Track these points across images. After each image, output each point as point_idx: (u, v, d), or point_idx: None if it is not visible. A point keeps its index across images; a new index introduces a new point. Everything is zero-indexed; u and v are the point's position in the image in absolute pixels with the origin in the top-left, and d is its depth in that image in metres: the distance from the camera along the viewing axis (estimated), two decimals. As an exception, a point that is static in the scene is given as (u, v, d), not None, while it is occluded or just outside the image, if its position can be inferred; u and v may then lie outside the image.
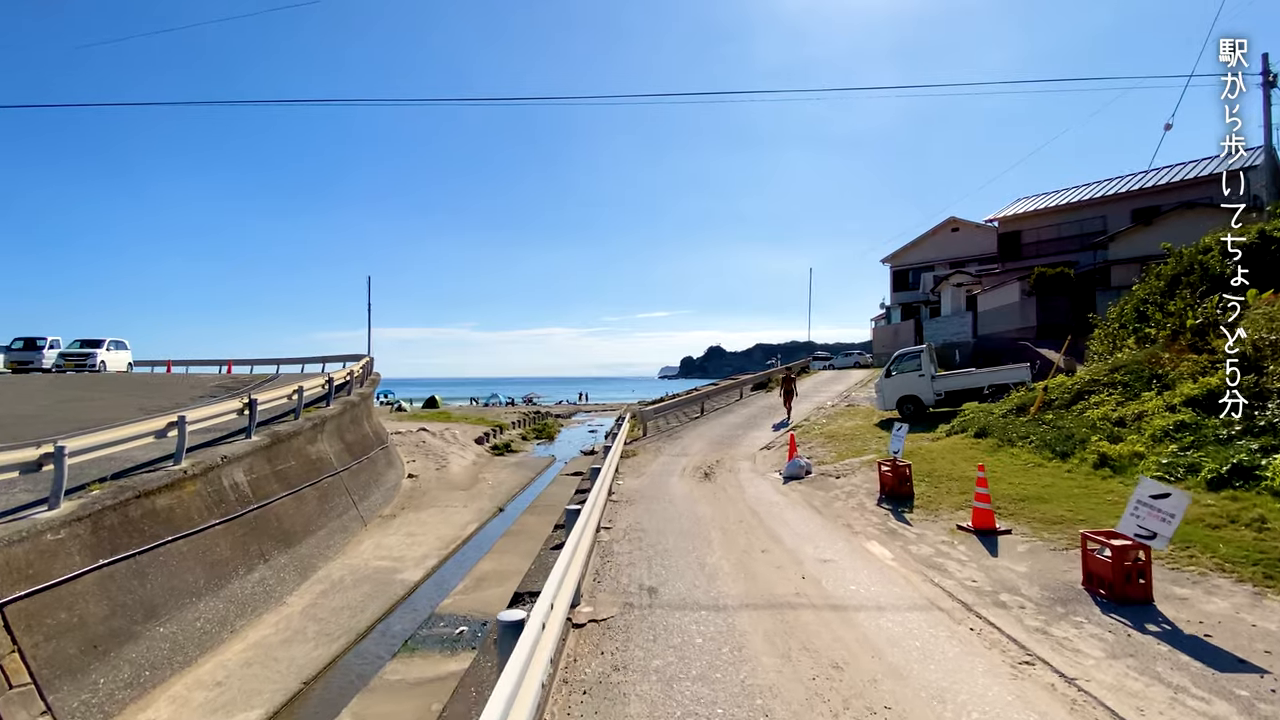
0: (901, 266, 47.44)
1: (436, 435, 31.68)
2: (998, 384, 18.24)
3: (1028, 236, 35.76)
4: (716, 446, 17.49)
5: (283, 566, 13.19)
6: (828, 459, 14.88)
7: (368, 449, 20.98)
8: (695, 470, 14.16)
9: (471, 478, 25.17)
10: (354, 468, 18.78)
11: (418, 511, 19.68)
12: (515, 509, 20.60)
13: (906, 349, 19.88)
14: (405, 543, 16.52)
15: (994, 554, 7.87)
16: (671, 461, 15.65)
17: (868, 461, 13.86)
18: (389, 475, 21.72)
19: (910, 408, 19.06)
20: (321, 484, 16.29)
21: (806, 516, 10.01)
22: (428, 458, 27.51)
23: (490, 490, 22.86)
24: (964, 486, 10.89)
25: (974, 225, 44.25)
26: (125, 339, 31.53)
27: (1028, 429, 13.51)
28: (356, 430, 20.73)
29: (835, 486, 12.05)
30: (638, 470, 14.38)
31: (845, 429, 18.57)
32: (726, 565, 7.39)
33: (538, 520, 18.34)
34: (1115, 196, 33.03)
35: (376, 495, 19.50)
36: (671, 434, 19.78)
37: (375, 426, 23.80)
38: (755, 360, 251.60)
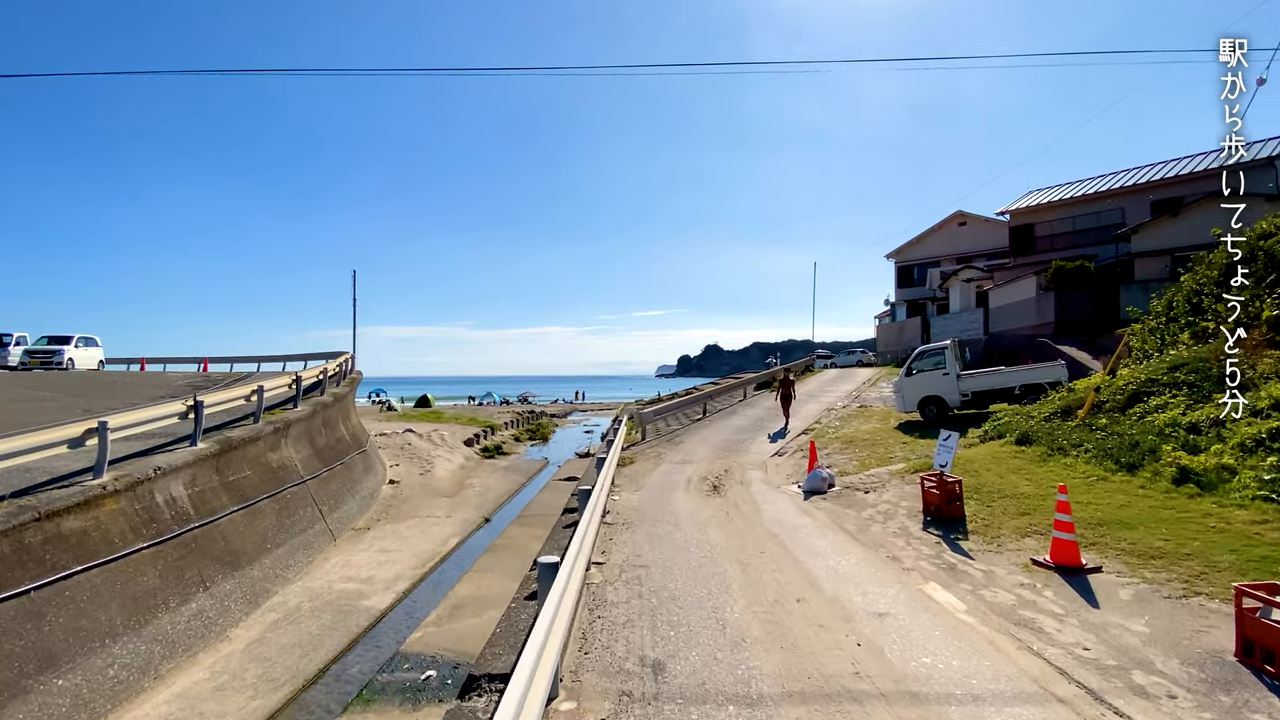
0: (906, 262, 45.70)
1: (423, 437, 29.85)
2: (1030, 384, 16.48)
3: (1041, 230, 34.04)
4: (723, 453, 15.72)
5: (227, 594, 11.36)
6: (850, 468, 13.11)
7: (343, 453, 19.14)
8: (701, 482, 12.42)
9: (458, 483, 23.35)
10: (324, 475, 16.93)
11: (396, 522, 17.87)
12: (503, 519, 18.80)
13: (928, 345, 18.10)
14: (377, 560, 14.70)
15: (1094, 603, 6.10)
16: (674, 471, 13.91)
17: (897, 472, 12.08)
18: (366, 482, 19.88)
19: (933, 409, 17.29)
20: (283, 495, 14.45)
21: (841, 545, 8.24)
22: (412, 461, 25.69)
23: (477, 497, 21.04)
24: (1022, 505, 9.12)
25: (982, 219, 42.54)
26: (96, 335, 29.58)
27: (1080, 435, 11.74)
28: (330, 433, 18.88)
29: (866, 504, 10.27)
30: (636, 482, 12.63)
31: (863, 433, 16.78)
32: (754, 624, 5.61)
33: (525, 533, 16.54)
34: (1135, 188, 31.32)
35: (350, 505, 17.67)
36: (672, 438, 18.01)
37: (354, 429, 21.95)
38: (752, 359, 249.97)
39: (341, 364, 21.27)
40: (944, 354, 17.39)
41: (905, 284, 45.46)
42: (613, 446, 12.75)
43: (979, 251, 41.62)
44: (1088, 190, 32.71)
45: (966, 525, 8.72)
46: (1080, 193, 32.83)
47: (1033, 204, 34.27)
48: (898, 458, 13.56)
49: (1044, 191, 35.36)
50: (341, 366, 21.22)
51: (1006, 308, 31.97)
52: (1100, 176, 33.91)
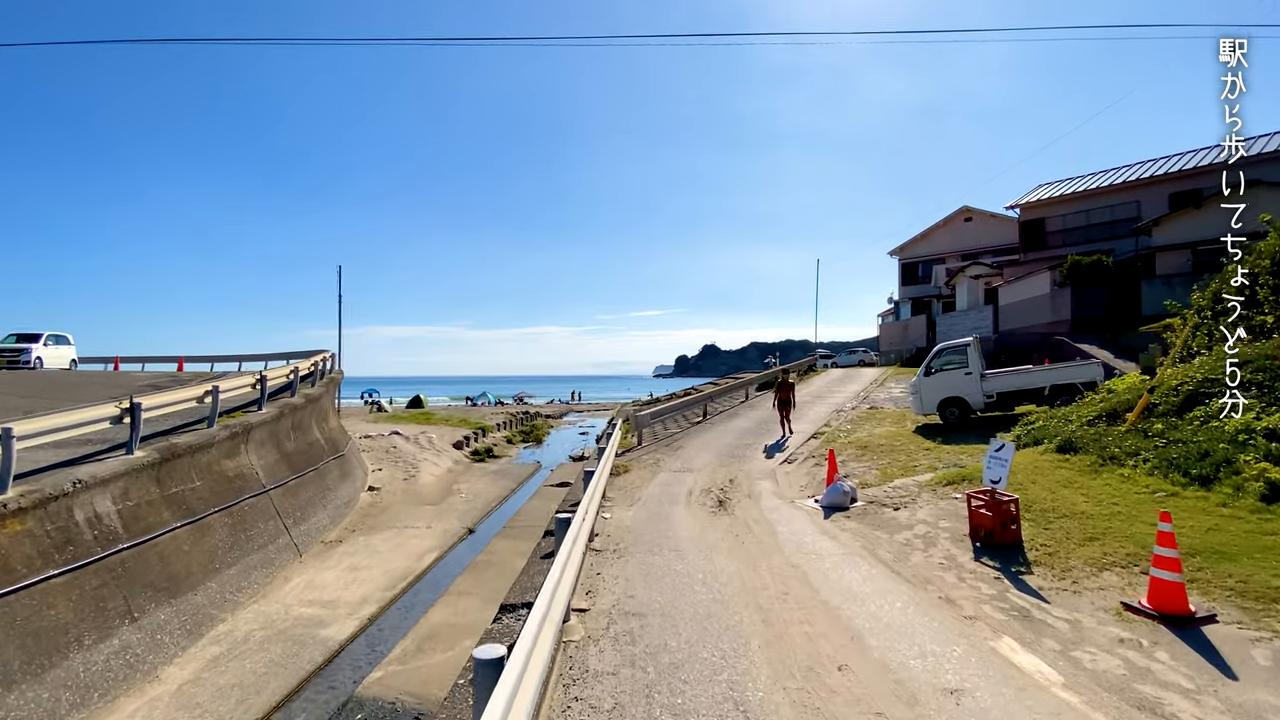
0: (910, 259, 44.25)
1: (410, 440, 28.32)
2: (1061, 384, 15.00)
3: (1053, 224, 32.60)
4: (727, 459, 14.22)
5: (161, 625, 9.83)
6: (871, 479, 11.61)
7: (315, 459, 17.61)
8: (704, 494, 10.91)
9: (443, 489, 21.82)
10: (291, 483, 15.40)
11: (371, 535, 16.34)
12: (488, 530, 17.29)
13: (949, 343, 16.61)
14: (345, 579, 13.18)
15: (1228, 672, 4.62)
16: (673, 481, 12.42)
17: (927, 484, 10.58)
18: (342, 489, 18.35)
19: (954, 412, 15.81)
20: (239, 508, 12.91)
21: (880, 581, 6.70)
22: (396, 466, 24.15)
23: (462, 505, 19.52)
24: (1087, 528, 7.63)
25: (988, 215, 41.12)
26: (68, 333, 27.95)
27: (1134, 443, 10.26)
28: (301, 437, 17.34)
29: (898, 524, 8.76)
30: (630, 494, 11.13)
31: (879, 438, 15.28)
32: (785, 709, 4.10)
33: (510, 547, 15.05)
34: (1151, 180, 29.88)
35: (321, 516, 16.14)
36: (671, 442, 16.52)
37: (331, 432, 20.40)
38: (750, 359, 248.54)
39: (316, 363, 19.72)
40: (966, 352, 15.91)
41: (909, 281, 44.02)
42: (604, 455, 11.22)
43: (985, 248, 40.20)
44: (1101, 183, 31.27)
45: (1026, 554, 7.23)
46: (1094, 185, 31.39)
47: (1044, 197, 32.82)
48: (922, 466, 12.06)
49: (1055, 185, 33.92)
50: (316, 366, 19.67)
51: (1018, 305, 30.51)
52: (1114, 169, 32.49)
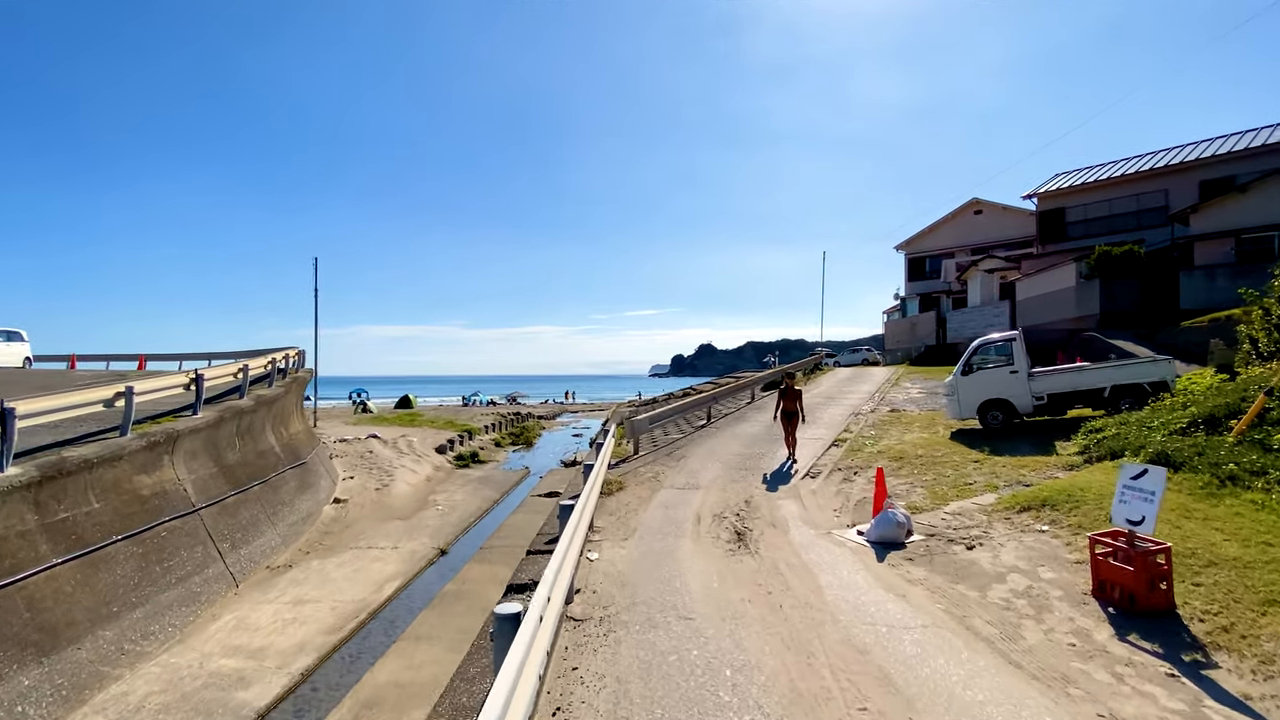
0: (917, 254, 42.11)
1: (388, 444, 26.04)
2: (1124, 384, 12.81)
3: (1073, 214, 30.49)
4: (738, 472, 11.94)
5: (24, 694, 7.57)
6: (919, 500, 9.40)
7: (268, 469, 15.34)
8: (716, 521, 8.62)
9: (418, 500, 19.56)
10: (231, 500, 13.13)
11: (327, 557, 14.09)
12: (464, 550, 15.05)
13: (989, 337, 14.41)
14: (285, 617, 10.94)
15: None
16: (677, 501, 10.00)
17: (993, 509, 8.40)
18: (300, 503, 16.07)
19: (998, 416, 13.61)
20: (154, 534, 10.65)
21: (993, 677, 4.38)
22: (370, 473, 21.88)
23: (437, 520, 17.26)
24: (1253, 583, 5.46)
25: (999, 207, 39.01)
26: (22, 329, 25.53)
27: (1256, 458, 8.07)
28: (249, 445, 15.06)
29: (982, 572, 6.52)
30: (624, 521, 8.86)
31: (913, 446, 13.09)
32: None
33: (486, 574, 12.82)
34: (1179, 167, 27.81)
35: (269, 536, 13.88)
36: (672, 451, 14.24)
37: (293, 437, 18.12)
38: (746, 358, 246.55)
39: (274, 361, 17.43)
40: (1012, 347, 13.71)
41: (917, 276, 41.87)
42: (592, 473, 8.90)
43: (996, 241, 38.11)
44: (1126, 170, 29.17)
45: (1188, 626, 5.02)
46: (1119, 173, 29.29)
47: (1063, 186, 30.70)
48: (978, 484, 9.86)
49: (1075, 173, 31.82)
50: (273, 364, 17.38)
51: (1038, 299, 28.39)
52: (1137, 156, 30.41)
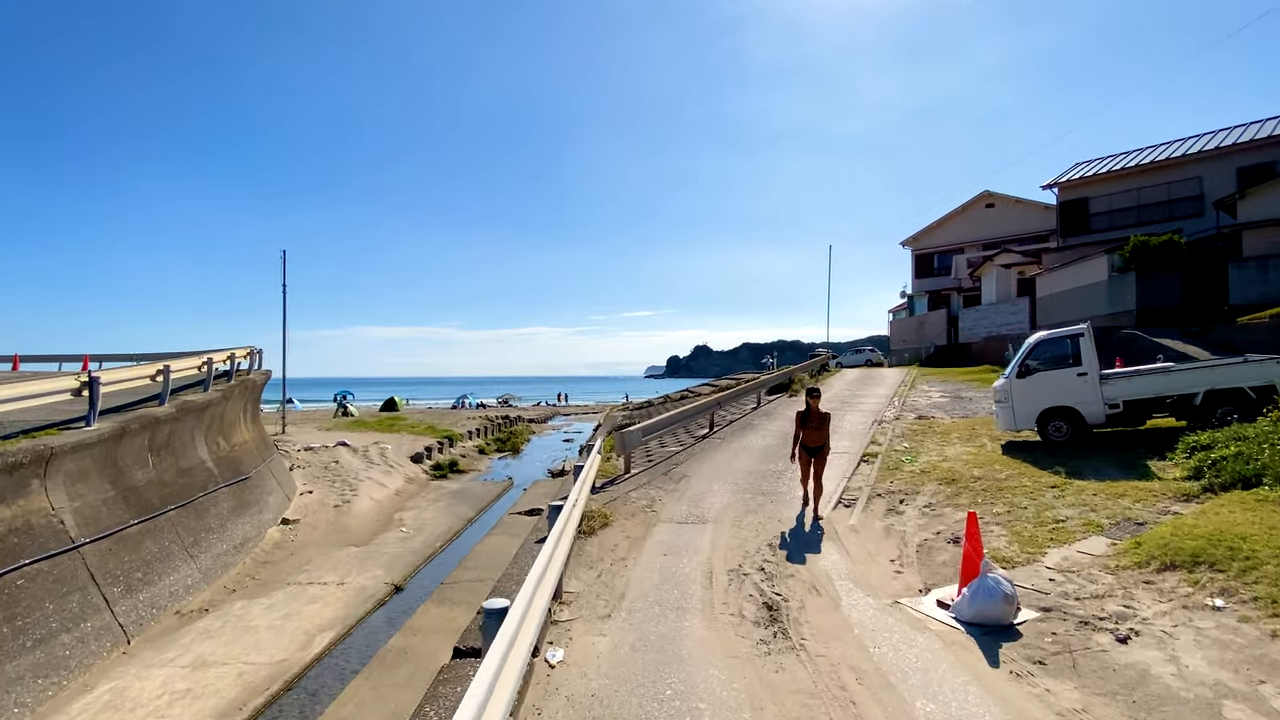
0: (924, 250, 39.74)
1: (358, 453, 23.51)
2: (1222, 389, 10.40)
3: (1097, 205, 28.17)
4: (753, 498, 9.38)
5: None
6: (1003, 546, 6.96)
7: (194, 490, 12.83)
8: (735, 585, 6.01)
9: (382, 519, 17.05)
10: (133, 530, 10.61)
11: (256, 597, 11.59)
12: (423, 585, 12.57)
13: (1048, 334, 11.99)
14: (177, 688, 8.48)
15: None
16: (679, 546, 7.47)
17: (1119, 567, 6.00)
18: (236, 527, 13.55)
19: (1063, 426, 11.21)
20: (4, 582, 8.13)
21: None
22: (332, 487, 19.37)
23: (398, 544, 14.76)
24: None
25: (1012, 200, 36.70)
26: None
27: None
28: (168, 462, 12.54)
29: (1170, 694, 4.03)
30: (608, 583, 6.26)
31: (963, 464, 10.65)
32: None
33: (443, 619, 10.35)
34: (1214, 153, 25.54)
35: (185, 572, 11.38)
36: (670, 470, 11.66)
37: (235, 449, 15.59)
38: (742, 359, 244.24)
39: (209, 362, 14.90)
40: (1079, 343, 11.29)
41: (924, 274, 39.50)
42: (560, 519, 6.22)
43: (1009, 236, 35.75)
44: (1156, 157, 26.86)
45: None
46: (1148, 159, 26.97)
47: (1087, 175, 28.38)
48: (1072, 521, 7.42)
49: (1097, 162, 29.50)
50: (208, 365, 14.85)
51: (1063, 295, 26.03)
52: (1165, 144, 28.10)
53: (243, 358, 17.87)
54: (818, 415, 8.92)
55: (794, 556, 7.03)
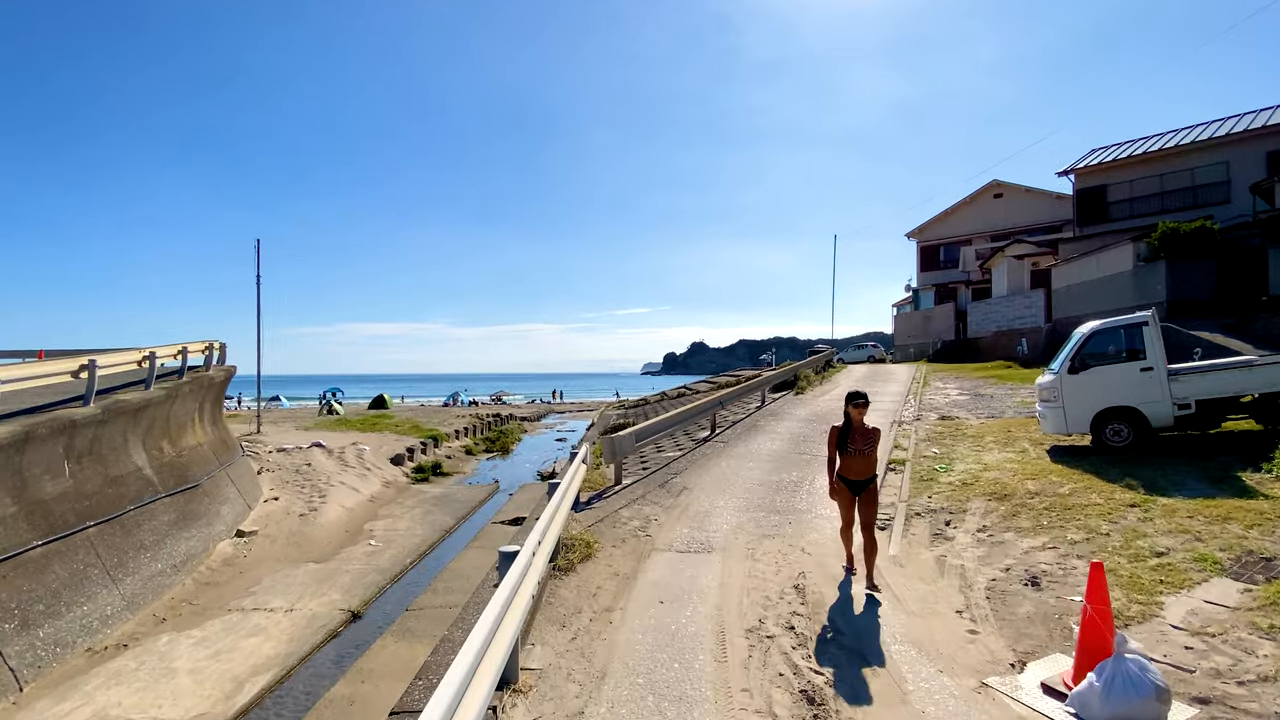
0: (930, 242, 38.13)
1: (334, 454, 21.82)
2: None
3: (1116, 192, 26.57)
4: (768, 519, 7.68)
5: None
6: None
7: (123, 501, 11.16)
8: (758, 654, 4.35)
9: (351, 529, 15.39)
10: (35, 553, 8.97)
11: (189, 627, 9.96)
12: (385, 610, 10.94)
13: (1105, 323, 10.34)
14: (57, 757, 6.81)
15: None
16: (679, 589, 5.80)
17: (1268, 620, 4.37)
18: (175, 544, 11.88)
19: (1124, 430, 9.59)
20: None
21: None
22: (301, 492, 17.68)
23: (363, 560, 13.11)
24: None
25: (1022, 189, 35.12)
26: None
27: None
28: (95, 470, 10.87)
29: None
30: (584, 651, 4.54)
31: (1009, 474, 9.05)
32: None
33: (401, 659, 8.68)
34: (1242, 136, 23.97)
35: (105, 599, 9.74)
36: (668, 479, 10.00)
37: (181, 453, 13.92)
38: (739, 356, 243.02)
39: (151, 356, 13.21)
40: (1142, 334, 9.67)
41: (931, 266, 37.90)
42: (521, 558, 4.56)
43: (1019, 226, 34.18)
44: (1181, 141, 25.25)
45: None
46: (1171, 144, 25.37)
47: (1105, 161, 26.77)
48: (1177, 555, 5.82)
49: (1116, 147, 27.89)
50: (150, 360, 13.16)
51: (1083, 286, 24.47)
52: (1190, 127, 26.49)
53: (197, 352, 16.15)
54: (864, 433, 5.94)
55: (831, 606, 5.38)
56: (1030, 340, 27.25)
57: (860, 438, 5.94)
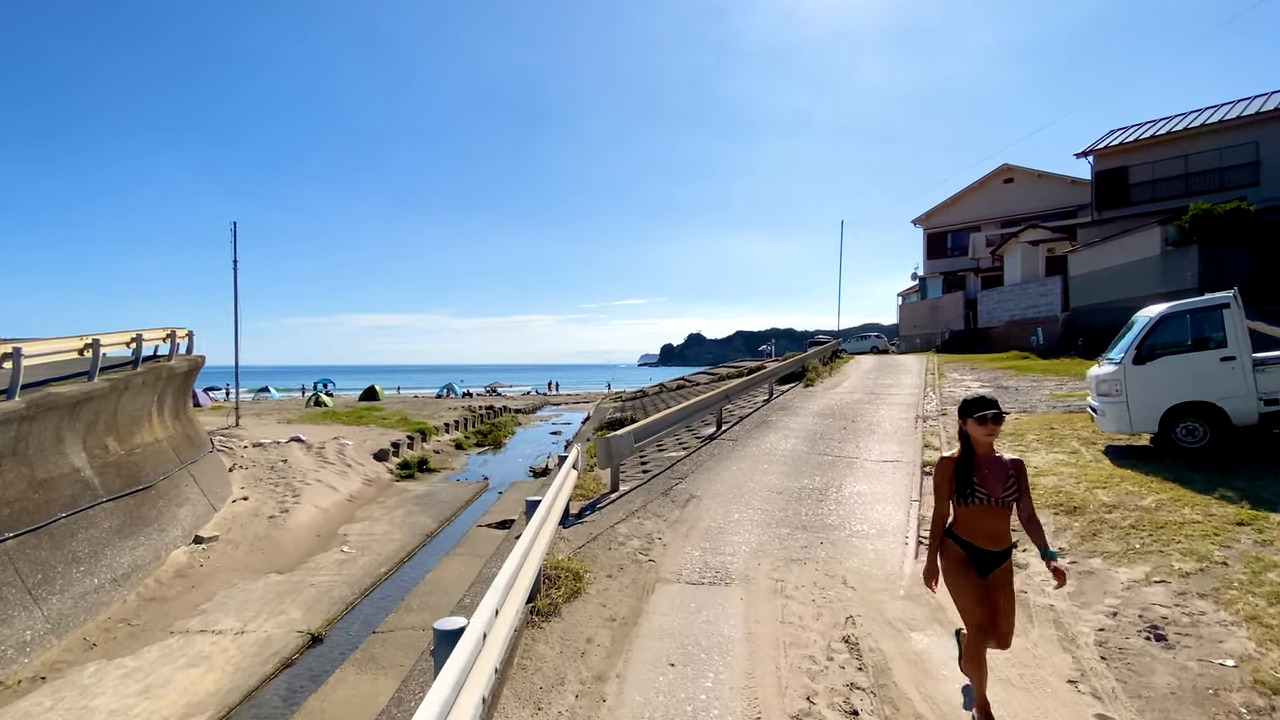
0: (937, 229, 36.70)
1: (313, 450, 20.45)
2: None
3: (1138, 174, 25.17)
4: (795, 536, 6.18)
5: None
6: (1250, 649, 3.98)
7: (53, 508, 9.78)
8: None
9: (325, 532, 14.04)
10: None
11: (119, 656, 8.63)
12: (350, 632, 9.60)
13: (1176, 306, 9.00)
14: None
15: None
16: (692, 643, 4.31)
17: None
18: (117, 555, 10.52)
19: (1199, 428, 8.27)
20: None
21: None
22: (274, 491, 16.31)
23: (333, 570, 11.75)
24: None
25: (1034, 174, 33.70)
26: None
27: None
28: (18, 474, 9.51)
29: None
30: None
31: (1072, 481, 7.75)
32: None
33: (363, 694, 7.36)
34: (1272, 114, 22.59)
35: (23, 623, 8.43)
36: (671, 485, 8.60)
37: (133, 451, 12.54)
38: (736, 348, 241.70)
39: (94, 344, 11.76)
40: (1221, 318, 8.35)
41: (938, 254, 36.50)
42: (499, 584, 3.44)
43: (1031, 212, 32.78)
44: (1208, 120, 23.84)
45: None
46: (1197, 123, 23.96)
47: (1127, 142, 25.35)
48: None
49: (1137, 128, 26.46)
50: (93, 348, 11.72)
51: (1105, 273, 23.14)
52: (1212, 107, 25.08)
53: (156, 340, 14.72)
54: (999, 469, 3.56)
55: (895, 667, 4.05)
56: (1046, 330, 25.93)
57: (994, 476, 3.50)
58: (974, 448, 3.58)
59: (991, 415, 3.52)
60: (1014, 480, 3.53)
